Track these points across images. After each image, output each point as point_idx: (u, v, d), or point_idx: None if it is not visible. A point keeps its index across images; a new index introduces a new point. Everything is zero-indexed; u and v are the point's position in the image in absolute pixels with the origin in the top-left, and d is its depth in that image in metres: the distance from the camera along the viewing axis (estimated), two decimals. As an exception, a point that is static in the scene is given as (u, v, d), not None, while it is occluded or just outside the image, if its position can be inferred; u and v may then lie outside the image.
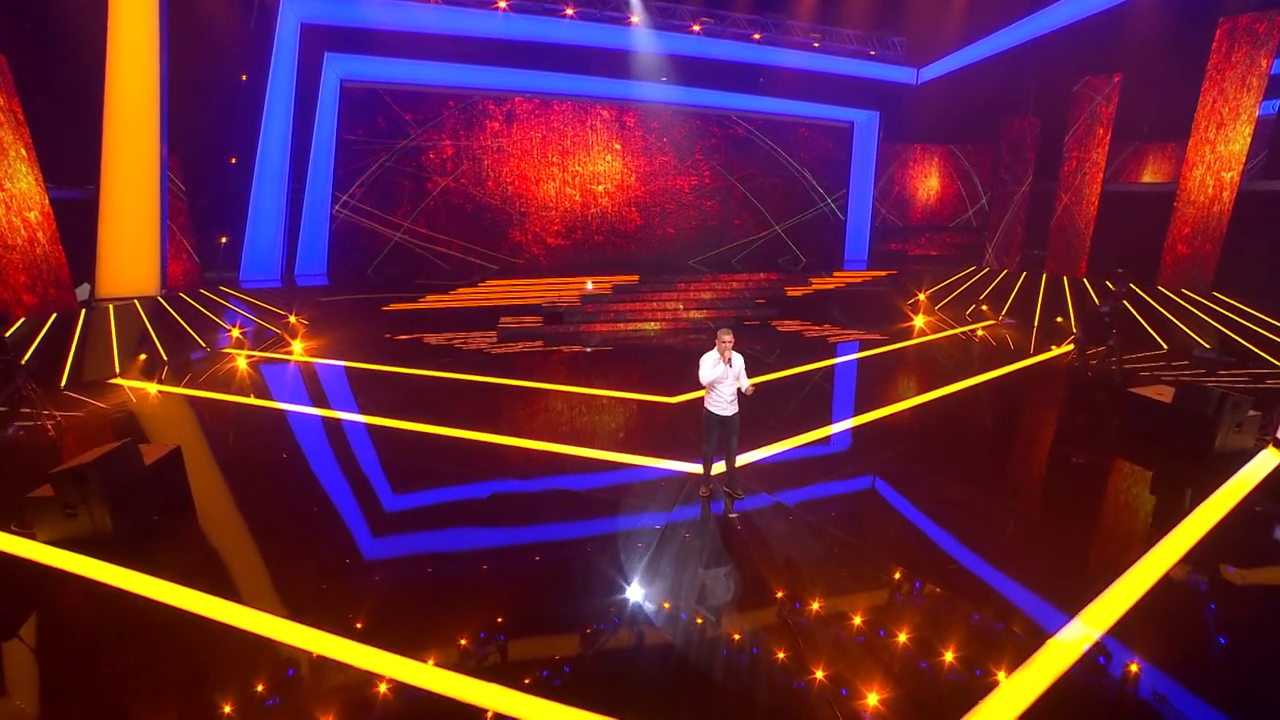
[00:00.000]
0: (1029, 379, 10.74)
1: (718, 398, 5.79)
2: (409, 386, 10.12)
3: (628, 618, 4.43)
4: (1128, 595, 4.81)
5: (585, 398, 9.53)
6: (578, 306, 15.56)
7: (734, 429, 5.91)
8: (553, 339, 14.05)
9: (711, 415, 5.85)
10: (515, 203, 18.05)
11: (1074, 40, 15.65)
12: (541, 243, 18.52)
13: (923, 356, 11.98)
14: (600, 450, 7.46)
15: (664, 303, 16.41)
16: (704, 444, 6.03)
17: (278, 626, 4.41)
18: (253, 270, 15.45)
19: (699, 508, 6.16)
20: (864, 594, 4.68)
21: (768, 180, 20.39)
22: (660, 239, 19.57)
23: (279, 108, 15.22)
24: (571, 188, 18.51)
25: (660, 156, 19.20)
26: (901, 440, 7.69)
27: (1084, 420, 8.67)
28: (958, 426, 8.29)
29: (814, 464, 7.17)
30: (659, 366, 11.46)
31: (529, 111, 17.95)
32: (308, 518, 5.96)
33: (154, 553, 5.29)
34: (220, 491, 6.61)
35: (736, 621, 4.42)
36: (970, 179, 20.85)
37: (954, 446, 7.63)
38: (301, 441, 7.71)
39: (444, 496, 6.43)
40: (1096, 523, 5.88)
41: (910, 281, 18.63)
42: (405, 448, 7.53)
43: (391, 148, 16.82)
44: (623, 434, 8.05)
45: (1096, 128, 15.73)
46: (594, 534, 5.67)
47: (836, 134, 20.95)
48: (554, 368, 11.35)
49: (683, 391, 9.47)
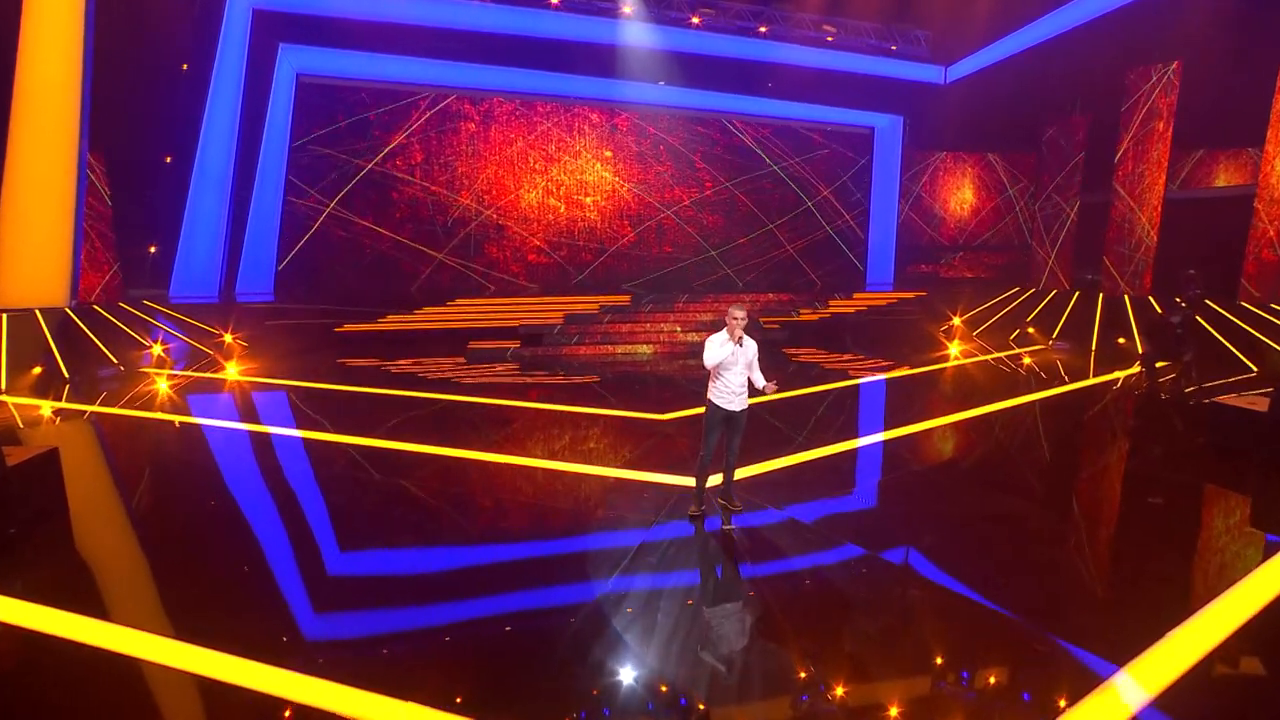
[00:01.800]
0: (1087, 403, 10.29)
1: (724, 387, 5.44)
2: (354, 404, 9.84)
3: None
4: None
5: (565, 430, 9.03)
6: (560, 328, 15.40)
7: (739, 428, 5.55)
8: (530, 363, 13.73)
9: (715, 409, 5.49)
10: (492, 215, 17.93)
11: (1125, 25, 15.47)
12: (521, 260, 18.33)
13: (960, 381, 11.72)
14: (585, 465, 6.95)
15: (659, 325, 16.30)
16: (701, 445, 5.59)
17: (151, 646, 3.98)
18: (186, 284, 15.11)
19: (685, 528, 5.56)
20: (907, 668, 3.89)
21: (777, 193, 20.31)
22: (656, 257, 19.41)
23: (224, 103, 15.08)
24: (556, 199, 18.42)
25: (656, 165, 19.17)
26: (934, 473, 7.07)
27: (1158, 449, 8.03)
28: (1000, 457, 7.72)
29: (832, 480, 6.80)
30: (653, 401, 10.90)
31: (509, 113, 17.96)
32: (207, 533, 5.58)
33: (7, 567, 4.87)
34: (106, 505, 6.20)
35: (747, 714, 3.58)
36: (1009, 189, 20.71)
37: (995, 483, 6.88)
38: (218, 460, 7.42)
39: (356, 515, 5.93)
40: (1185, 579, 4.97)
41: (943, 304, 18.37)
42: (338, 463, 7.20)
43: (353, 151, 16.75)
44: (612, 453, 7.56)
45: (1155, 122, 15.45)
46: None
47: (855, 141, 20.94)
48: (524, 402, 10.86)
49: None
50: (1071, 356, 14.17)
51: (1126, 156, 15.91)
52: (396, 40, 15.68)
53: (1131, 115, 15.75)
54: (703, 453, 5.61)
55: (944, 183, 20.94)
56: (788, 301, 18.62)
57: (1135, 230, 15.92)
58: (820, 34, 18.20)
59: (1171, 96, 15.17)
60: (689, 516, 5.69)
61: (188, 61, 14.51)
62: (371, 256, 17.02)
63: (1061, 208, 17.81)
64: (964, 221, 20.98)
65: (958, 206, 21.00)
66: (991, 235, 20.93)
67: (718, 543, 5.35)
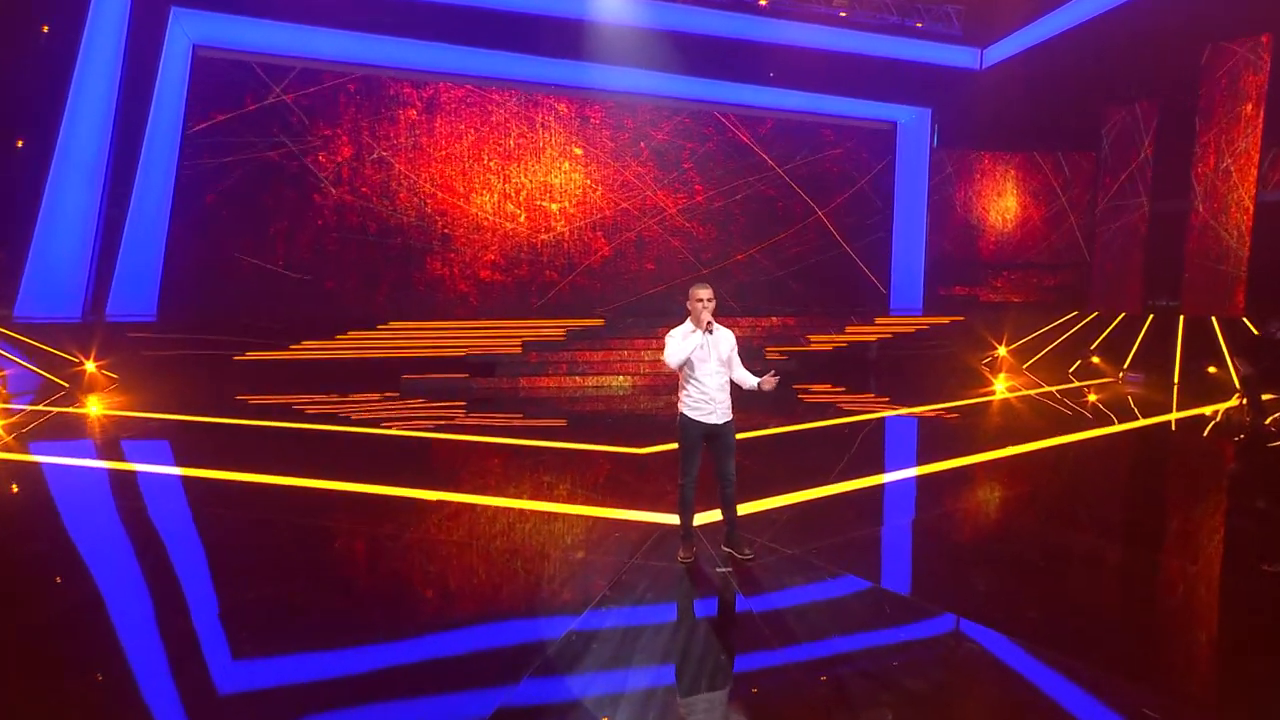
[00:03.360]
0: (1171, 443, 10.11)
1: (697, 394, 5.23)
2: (251, 448, 9.31)
3: None
4: None
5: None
6: (517, 357, 15.14)
7: (728, 446, 5.32)
8: (480, 399, 13.45)
9: (690, 424, 5.27)
10: (436, 223, 17.11)
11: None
12: (472, 277, 17.40)
13: (1009, 418, 11.74)
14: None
15: (639, 352, 15.94)
16: (680, 474, 5.34)
17: None
18: (39, 300, 13.72)
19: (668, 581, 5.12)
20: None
21: (782, 200, 19.71)
22: (636, 276, 18.61)
23: (97, 76, 13.89)
24: (515, 204, 17.65)
25: (636, 166, 18.53)
26: (991, 536, 6.45)
27: (1261, 502, 7.42)
28: (1067, 505, 7.32)
29: (869, 518, 6.53)
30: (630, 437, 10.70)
31: (458, 100, 17.17)
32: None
33: None
34: None
35: None
36: (1061, 196, 20.25)
37: (1063, 548, 6.13)
38: (56, 529, 6.45)
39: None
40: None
41: (985, 331, 18.02)
42: (230, 527, 6.45)
43: (265, 142, 15.68)
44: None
45: (1241, 107, 14.80)
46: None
47: (874, 139, 20.39)
48: (465, 451, 10.00)
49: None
50: (1148, 390, 13.95)
51: (1207, 151, 15.48)
52: (321, 8, 14.71)
53: (1212, 100, 15.26)
54: (682, 481, 5.31)
55: (982, 188, 20.34)
56: (795, 327, 17.93)
57: (1221, 239, 15.32)
58: (831, 9, 17.63)
59: (1261, 76, 14.52)
60: (679, 562, 5.31)
61: (48, 22, 13.36)
62: (284, 270, 15.85)
63: (1128, 216, 17.46)
64: (1007, 235, 20.40)
65: (999, 217, 20.35)
66: (1041, 251, 20.40)
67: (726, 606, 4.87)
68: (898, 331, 18.37)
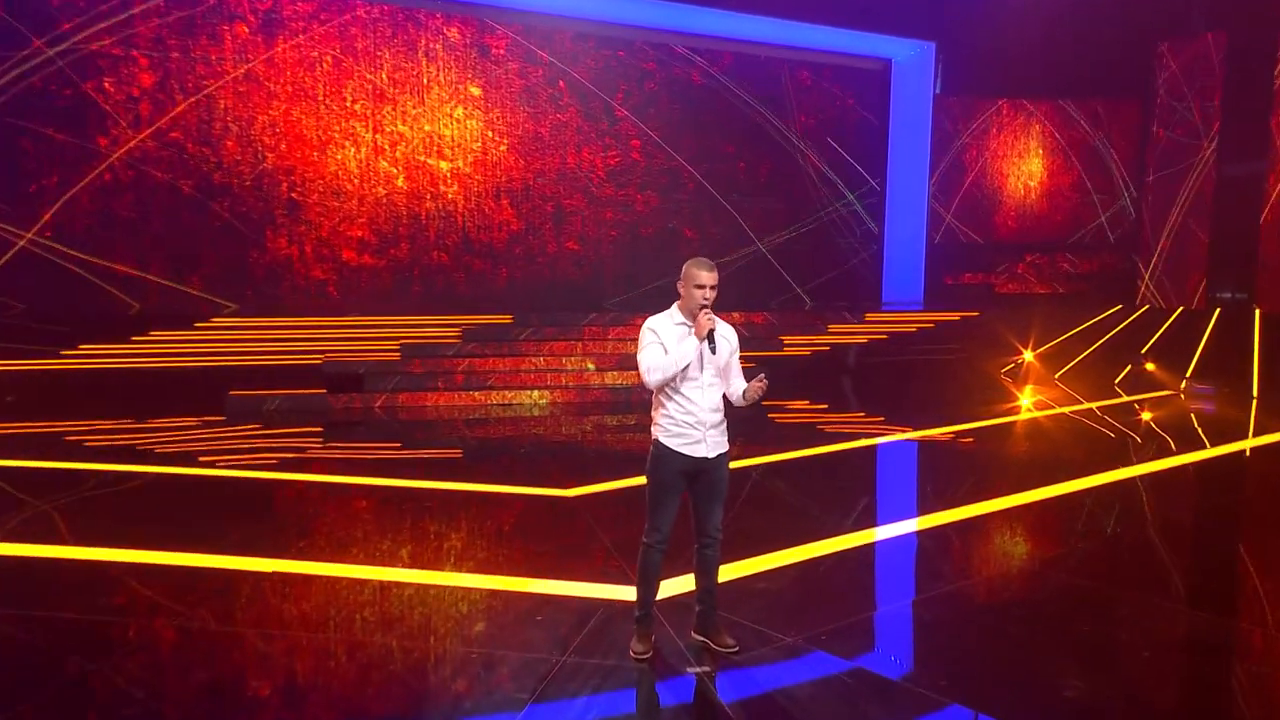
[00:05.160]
0: (1261, 476, 10.37)
1: (681, 415, 5.14)
2: None
3: None
4: None
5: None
6: (395, 366, 15.21)
7: (718, 491, 5.22)
8: (342, 423, 13.54)
9: (669, 459, 5.13)
10: (280, 184, 16.54)
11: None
12: (330, 259, 16.89)
13: (1043, 444, 11.96)
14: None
15: (560, 359, 16.19)
16: (646, 528, 5.17)
17: None
18: None
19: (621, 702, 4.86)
20: None
21: (745, 159, 19.81)
22: (554, 259, 18.51)
23: None
24: (390, 162, 17.22)
25: (553, 114, 18.28)
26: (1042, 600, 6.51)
27: None
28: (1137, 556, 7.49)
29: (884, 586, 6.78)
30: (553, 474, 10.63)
31: (308, 15, 16.56)
32: None
33: None
34: None
35: None
36: (1101, 157, 20.36)
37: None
38: None
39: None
40: None
41: (1005, 331, 18.17)
42: None
43: (19, 59, 14.75)
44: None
45: None
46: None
47: (862, 81, 20.73)
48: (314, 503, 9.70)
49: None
50: (1222, 405, 14.35)
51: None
52: None
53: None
54: (648, 540, 5.12)
55: (999, 146, 20.61)
56: (763, 326, 17.97)
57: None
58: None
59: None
60: (634, 658, 5.15)
61: None
62: (54, 244, 15.12)
63: (1187, 182, 17.60)
64: (1030, 206, 20.69)
65: (1020, 184, 20.65)
66: (1075, 228, 20.59)
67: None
68: (895, 331, 18.41)
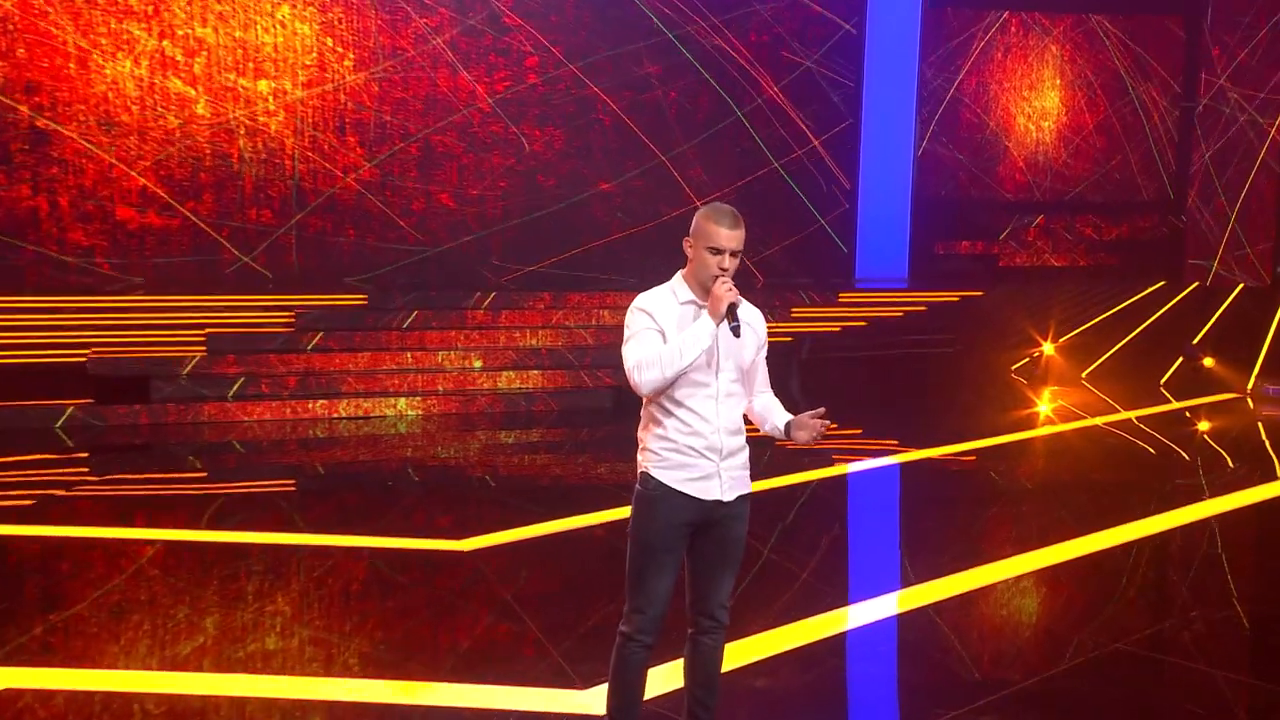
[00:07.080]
0: None
1: (685, 436, 3.98)
2: None
3: None
4: None
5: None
6: (197, 365, 14.41)
7: (732, 558, 4.06)
8: (118, 450, 12.91)
9: (668, 501, 3.94)
10: (18, 108, 15.27)
11: None
12: (100, 216, 15.38)
13: (1066, 465, 12.16)
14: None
15: (433, 354, 14.98)
16: (629, 602, 4.02)
17: None
18: None
19: None
20: None
21: (679, 89, 18.75)
22: (422, 217, 17.16)
23: None
24: (185, 79, 15.69)
25: (418, 20, 16.93)
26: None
27: None
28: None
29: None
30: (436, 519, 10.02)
31: None
32: None
33: None
34: None
35: None
36: (1132, 90, 19.80)
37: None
38: None
39: None
40: None
41: (1017, 316, 17.36)
42: None
43: None
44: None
45: None
46: None
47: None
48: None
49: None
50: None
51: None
52: None
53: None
54: (628, 629, 4.01)
55: (1006, 75, 19.40)
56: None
57: None
58: None
59: None
60: None
61: None
62: None
63: (1248, 124, 17.23)
64: (1046, 152, 19.49)
65: (1032, 124, 19.53)
66: (1102, 182, 19.86)
67: None
68: (874, 316, 17.22)
